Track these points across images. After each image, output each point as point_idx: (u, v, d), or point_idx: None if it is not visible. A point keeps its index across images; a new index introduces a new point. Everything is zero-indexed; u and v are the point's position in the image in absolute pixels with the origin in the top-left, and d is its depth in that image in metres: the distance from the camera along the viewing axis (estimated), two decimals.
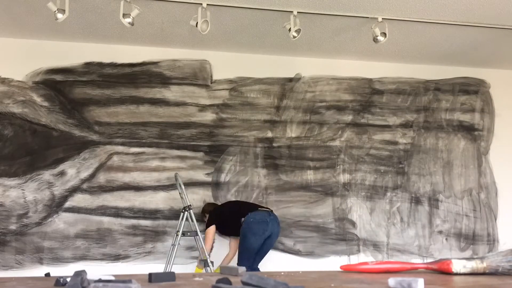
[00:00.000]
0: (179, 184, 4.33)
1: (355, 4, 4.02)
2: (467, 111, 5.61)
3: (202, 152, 4.97)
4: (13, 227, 4.56)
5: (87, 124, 4.84)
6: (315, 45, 4.96)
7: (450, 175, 5.44)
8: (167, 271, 4.08)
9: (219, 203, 4.73)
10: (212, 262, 4.15)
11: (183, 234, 4.25)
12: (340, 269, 1.51)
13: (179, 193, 4.39)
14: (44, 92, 4.79)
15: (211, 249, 4.32)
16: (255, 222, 4.19)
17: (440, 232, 5.34)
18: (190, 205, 4.29)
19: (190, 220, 4.30)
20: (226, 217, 4.38)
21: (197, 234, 4.26)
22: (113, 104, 4.90)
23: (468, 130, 5.58)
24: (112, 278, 1.15)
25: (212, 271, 4.07)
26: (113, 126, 4.86)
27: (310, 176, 5.15)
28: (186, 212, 4.28)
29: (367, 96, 5.40)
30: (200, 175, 4.94)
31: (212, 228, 4.32)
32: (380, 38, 4.21)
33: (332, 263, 5.01)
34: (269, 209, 4.43)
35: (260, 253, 4.33)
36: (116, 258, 4.68)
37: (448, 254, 5.29)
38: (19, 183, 4.64)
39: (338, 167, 5.23)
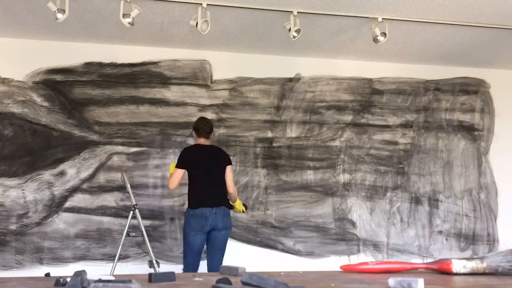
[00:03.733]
0: (126, 183, 4.23)
1: (355, 4, 4.02)
2: (467, 111, 5.61)
3: None
4: (13, 227, 4.56)
5: (87, 124, 4.84)
6: (315, 45, 4.96)
7: (450, 175, 5.44)
8: (113, 271, 4.04)
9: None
10: (158, 262, 4.04)
11: (128, 234, 4.16)
12: (340, 269, 1.51)
13: (127, 192, 4.25)
14: (44, 92, 4.79)
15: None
16: (194, 216, 3.88)
17: (440, 232, 5.34)
18: (136, 204, 4.18)
19: (137, 219, 4.18)
20: (191, 177, 3.98)
21: (142, 235, 4.16)
22: (113, 104, 4.90)
23: (468, 130, 5.58)
24: (112, 278, 1.15)
25: (158, 271, 3.91)
26: (113, 126, 4.86)
27: (310, 176, 5.15)
28: (131, 212, 4.18)
29: (367, 96, 5.41)
30: None
31: (179, 172, 3.92)
32: (380, 38, 4.21)
33: (332, 263, 5.01)
34: (215, 205, 3.94)
35: (214, 250, 3.99)
36: None
37: (448, 254, 5.29)
38: (19, 183, 4.64)
39: (338, 167, 5.23)
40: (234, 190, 4.12)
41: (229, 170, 4.09)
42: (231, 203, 4.12)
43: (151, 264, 4.11)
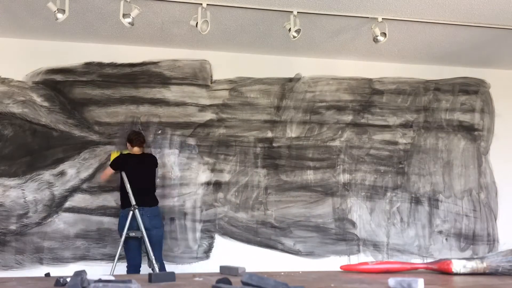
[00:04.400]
0: (125, 183, 4.31)
1: (355, 4, 4.02)
2: (467, 111, 5.61)
3: (202, 152, 4.97)
4: (13, 227, 4.56)
5: (87, 124, 4.83)
6: (315, 45, 4.96)
7: (450, 175, 5.44)
8: (113, 271, 4.09)
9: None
10: (157, 263, 4.16)
11: (127, 234, 4.21)
12: (340, 269, 1.52)
13: (127, 192, 4.31)
14: (44, 92, 4.79)
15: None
16: (121, 217, 4.32)
17: (440, 232, 5.34)
18: (135, 205, 4.24)
19: (137, 219, 4.23)
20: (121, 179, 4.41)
21: (142, 235, 4.19)
22: (113, 104, 4.90)
23: (468, 130, 5.58)
24: (112, 278, 1.15)
25: (157, 271, 4.03)
26: (113, 126, 4.86)
27: (310, 176, 5.15)
28: (131, 212, 4.22)
29: (367, 96, 5.40)
30: (200, 175, 4.94)
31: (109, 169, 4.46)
32: (380, 38, 4.21)
33: (332, 263, 5.01)
34: (142, 205, 4.28)
35: (152, 245, 4.22)
36: None
37: (448, 254, 5.29)
38: (19, 183, 4.64)
39: (338, 167, 5.23)
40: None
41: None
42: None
43: (150, 264, 4.12)
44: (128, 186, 4.31)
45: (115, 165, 4.44)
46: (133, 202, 4.25)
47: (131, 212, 4.23)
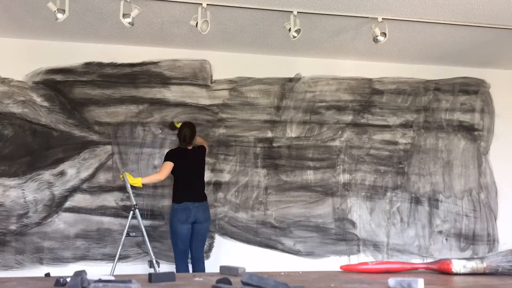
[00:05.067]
0: (126, 183, 4.31)
1: (355, 4, 4.02)
2: (467, 111, 5.61)
3: None
4: (13, 227, 4.56)
5: (87, 124, 4.84)
6: (315, 45, 4.96)
7: (450, 175, 5.44)
8: (113, 272, 4.12)
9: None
10: (158, 262, 4.18)
11: (128, 234, 4.24)
12: (340, 269, 1.52)
13: (127, 193, 4.33)
14: (44, 92, 4.79)
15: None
16: (179, 210, 4.30)
17: (440, 232, 5.34)
18: (136, 204, 4.27)
19: (137, 219, 4.27)
20: (176, 172, 4.41)
21: (142, 235, 4.22)
22: (113, 104, 4.90)
23: (468, 130, 5.58)
24: (112, 278, 1.15)
25: (158, 271, 4.09)
26: (113, 126, 4.86)
27: (310, 176, 5.15)
28: (131, 212, 4.26)
29: (367, 96, 5.41)
30: None
31: (169, 163, 4.40)
32: (380, 38, 4.21)
33: (332, 263, 5.01)
34: (197, 200, 4.37)
35: (195, 238, 4.37)
36: None
37: (448, 254, 5.29)
38: (19, 183, 4.64)
39: (338, 167, 5.23)
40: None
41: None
42: None
43: (151, 264, 4.13)
44: (181, 179, 4.36)
45: (170, 157, 4.41)
46: (134, 202, 4.26)
47: (189, 204, 4.28)
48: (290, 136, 5.18)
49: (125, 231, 4.21)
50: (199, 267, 4.37)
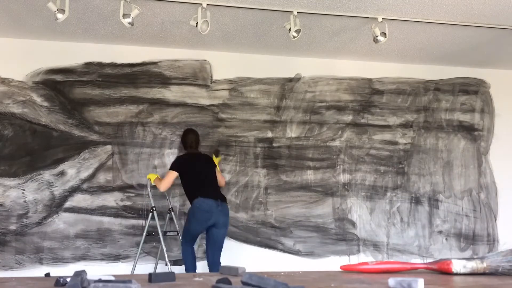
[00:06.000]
0: (146, 186, 4.51)
1: (355, 4, 4.02)
2: (467, 111, 5.61)
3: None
4: (13, 227, 4.56)
5: (87, 124, 4.84)
6: (315, 45, 4.96)
7: (450, 175, 5.44)
8: (133, 271, 4.21)
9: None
10: (171, 261, 4.25)
11: (148, 234, 4.37)
12: (340, 269, 1.51)
13: (147, 195, 4.49)
14: (44, 92, 4.79)
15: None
16: (200, 210, 4.10)
17: (440, 232, 5.34)
18: (154, 206, 4.41)
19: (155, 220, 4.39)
20: (185, 177, 4.28)
21: (158, 235, 4.31)
22: (113, 104, 4.90)
23: (468, 130, 5.58)
24: (112, 278, 1.15)
25: (170, 269, 4.14)
26: (113, 126, 4.86)
27: (310, 176, 5.15)
28: (150, 213, 4.42)
29: (367, 96, 5.40)
30: None
31: (172, 173, 4.25)
32: (380, 38, 4.21)
33: (332, 263, 5.01)
34: (219, 198, 4.21)
35: (212, 244, 4.23)
36: (116, 258, 4.68)
37: (448, 254, 5.29)
38: (19, 183, 4.64)
39: (338, 167, 5.23)
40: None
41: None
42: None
43: (174, 263, 4.29)
44: (195, 179, 4.22)
45: (176, 166, 4.28)
46: (152, 204, 4.36)
47: (212, 205, 4.09)
48: (290, 136, 5.18)
49: (145, 231, 4.36)
50: (215, 270, 4.29)
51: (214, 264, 4.24)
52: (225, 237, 4.30)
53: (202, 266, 4.77)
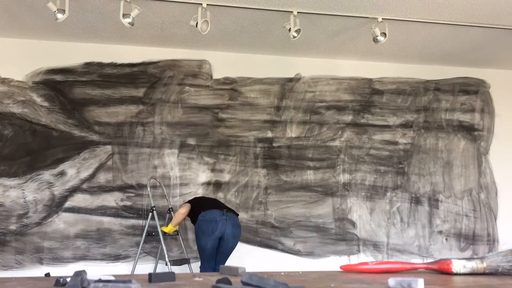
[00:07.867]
0: (147, 185, 4.52)
1: (355, 4, 4.02)
2: (467, 111, 5.61)
3: (202, 152, 4.97)
4: (13, 227, 4.56)
5: (87, 124, 4.84)
6: (315, 45, 4.96)
7: (450, 175, 5.44)
8: (133, 271, 4.18)
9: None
10: (171, 262, 4.20)
11: (148, 233, 4.35)
12: (340, 269, 1.51)
13: (147, 195, 4.51)
14: (44, 92, 4.79)
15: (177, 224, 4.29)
16: (204, 221, 3.99)
17: (440, 232, 5.34)
18: (154, 206, 4.40)
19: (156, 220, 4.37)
20: (193, 211, 4.24)
21: (158, 235, 4.29)
22: (113, 104, 4.90)
23: (468, 130, 5.58)
24: (112, 278, 1.15)
25: (170, 269, 4.10)
26: (113, 126, 4.86)
27: (310, 176, 5.15)
28: (150, 213, 4.42)
29: (367, 96, 5.40)
30: (200, 175, 4.94)
31: (186, 206, 4.24)
32: (380, 38, 4.21)
33: (332, 263, 5.01)
34: (227, 209, 4.14)
35: (219, 254, 4.12)
36: (116, 258, 4.68)
37: (448, 254, 5.29)
38: (19, 183, 4.64)
39: (338, 167, 5.23)
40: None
41: None
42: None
43: (167, 264, 4.23)
44: (200, 202, 4.27)
45: (190, 201, 4.33)
46: (152, 204, 4.39)
47: (216, 214, 3.99)
48: (290, 136, 5.18)
49: (145, 231, 4.35)
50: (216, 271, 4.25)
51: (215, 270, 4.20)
52: (233, 249, 4.14)
53: None
